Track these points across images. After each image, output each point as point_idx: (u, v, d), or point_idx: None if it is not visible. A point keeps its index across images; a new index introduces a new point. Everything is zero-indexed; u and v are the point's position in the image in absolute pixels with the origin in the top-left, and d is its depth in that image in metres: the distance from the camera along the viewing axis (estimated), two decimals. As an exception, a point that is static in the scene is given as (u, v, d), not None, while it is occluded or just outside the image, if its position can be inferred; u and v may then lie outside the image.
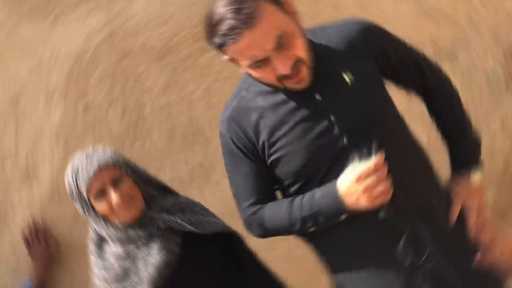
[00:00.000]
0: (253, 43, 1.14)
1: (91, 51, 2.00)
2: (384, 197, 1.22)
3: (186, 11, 2.01)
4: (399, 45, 1.38)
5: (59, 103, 2.03)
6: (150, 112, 2.05)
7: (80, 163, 1.42)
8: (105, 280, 1.46)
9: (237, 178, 1.39)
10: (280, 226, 1.34)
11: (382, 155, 1.21)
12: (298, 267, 2.12)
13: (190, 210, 1.54)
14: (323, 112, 1.27)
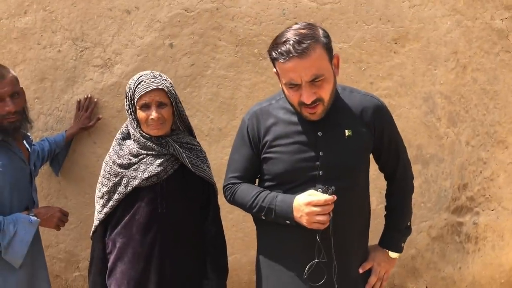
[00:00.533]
0: (296, 70, 1.44)
1: (196, 11, 2.49)
2: (319, 226, 1.49)
3: (277, 25, 2.49)
4: (394, 133, 1.70)
5: (155, 32, 2.49)
6: (210, 74, 2.52)
7: (145, 78, 1.74)
8: (112, 161, 1.80)
9: (236, 154, 1.73)
10: (244, 203, 1.67)
11: (334, 197, 1.47)
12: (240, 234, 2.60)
13: (195, 153, 1.85)
14: (317, 145, 1.57)
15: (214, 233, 1.92)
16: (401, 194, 1.76)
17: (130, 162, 1.78)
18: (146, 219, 1.76)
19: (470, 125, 2.67)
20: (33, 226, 1.92)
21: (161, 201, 1.77)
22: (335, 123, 1.59)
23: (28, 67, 2.52)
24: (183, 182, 1.83)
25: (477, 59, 2.64)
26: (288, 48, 1.43)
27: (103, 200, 1.80)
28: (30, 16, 2.50)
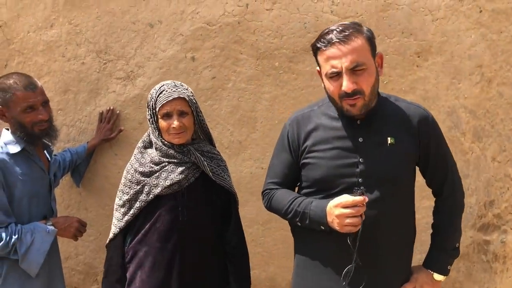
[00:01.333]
0: (336, 56, 1.45)
1: (218, 25, 2.52)
2: (350, 228, 1.45)
3: (298, 39, 2.50)
4: (442, 145, 1.63)
5: (178, 45, 2.53)
6: (231, 87, 2.54)
7: (167, 87, 1.75)
8: (134, 169, 1.81)
9: (275, 159, 1.73)
10: (280, 208, 1.65)
11: (365, 198, 1.44)
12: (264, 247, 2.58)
13: (216, 162, 1.87)
14: (357, 151, 1.54)
15: (236, 242, 1.91)
16: (449, 212, 1.68)
17: (152, 170, 1.78)
18: (167, 227, 1.75)
19: (496, 140, 2.60)
20: (51, 236, 1.92)
21: (182, 209, 1.77)
22: (378, 130, 1.56)
23: (53, 79, 2.57)
24: (204, 191, 1.82)
25: (503, 73, 2.58)
26: (331, 36, 1.47)
27: (124, 208, 1.80)
28: (56, 29, 2.55)
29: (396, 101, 1.64)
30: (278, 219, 2.59)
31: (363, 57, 1.47)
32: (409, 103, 1.65)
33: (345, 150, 1.55)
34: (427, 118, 1.61)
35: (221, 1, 2.51)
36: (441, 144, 1.64)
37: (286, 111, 2.55)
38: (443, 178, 1.65)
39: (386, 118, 1.58)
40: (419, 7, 2.52)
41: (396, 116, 1.59)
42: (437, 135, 1.63)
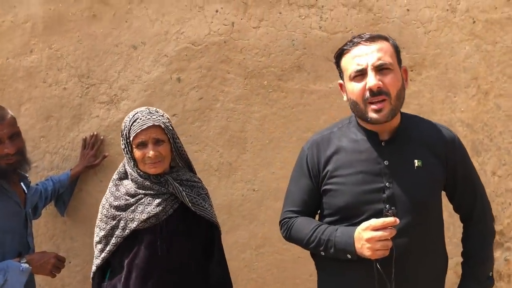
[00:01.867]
0: (362, 54, 1.41)
1: (204, 44, 2.45)
2: (382, 253, 1.35)
3: (287, 56, 2.44)
4: (470, 168, 1.55)
5: (162, 66, 2.46)
6: (219, 107, 2.47)
7: (141, 115, 1.68)
8: (109, 203, 1.73)
9: (293, 186, 1.60)
10: (301, 238, 1.52)
11: (397, 220, 1.34)
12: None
13: (196, 191, 1.77)
14: (383, 175, 1.44)
15: (220, 275, 1.82)
16: (480, 238, 1.57)
17: (128, 203, 1.70)
18: (146, 263, 1.66)
19: (495, 154, 2.51)
20: (24, 274, 1.83)
21: (161, 243, 1.68)
22: (404, 152, 1.47)
23: (34, 106, 2.50)
24: (184, 222, 1.74)
25: (499, 84, 2.50)
26: (356, 39, 1.45)
27: (101, 245, 1.72)
28: (36, 55, 2.49)
29: (420, 121, 1.56)
30: (272, 243, 2.54)
31: (389, 58, 1.42)
32: (434, 123, 1.57)
33: (370, 174, 1.45)
34: (454, 140, 1.53)
35: (206, 21, 2.45)
36: (469, 167, 1.56)
37: (277, 130, 2.48)
38: (473, 202, 1.56)
39: (412, 139, 1.49)
40: (411, 20, 2.46)
41: (421, 137, 1.50)
42: (464, 158, 1.55)
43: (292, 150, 2.48)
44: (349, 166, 1.47)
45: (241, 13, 2.45)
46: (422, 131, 1.52)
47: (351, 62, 1.43)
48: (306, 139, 2.43)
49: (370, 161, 1.46)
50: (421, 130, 1.52)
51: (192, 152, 2.46)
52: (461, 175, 1.53)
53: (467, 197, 1.56)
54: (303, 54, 2.45)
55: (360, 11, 2.45)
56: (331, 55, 2.46)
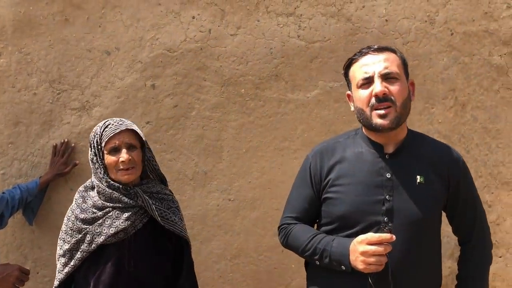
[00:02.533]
0: (369, 63, 1.45)
1: (179, 51, 2.40)
2: (375, 268, 1.36)
3: (264, 65, 2.40)
4: (472, 190, 1.56)
5: (136, 72, 2.40)
6: (194, 115, 2.41)
7: (112, 121, 1.66)
8: (75, 215, 1.67)
9: (295, 192, 1.62)
10: (298, 245, 1.53)
11: (393, 237, 1.34)
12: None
13: (167, 204, 1.73)
14: (384, 188, 1.45)
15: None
16: (478, 262, 1.57)
17: (95, 216, 1.65)
18: (113, 279, 1.61)
19: (472, 166, 2.51)
20: None
21: (129, 259, 1.63)
22: (407, 167, 1.48)
23: (2, 111, 2.42)
24: (153, 237, 1.69)
25: (476, 96, 2.51)
26: (365, 50, 1.50)
27: (65, 259, 1.65)
28: (4, 59, 2.41)
29: (426, 138, 1.58)
30: (247, 254, 2.50)
31: (396, 68, 1.45)
32: (440, 142, 1.60)
33: (371, 186, 1.46)
34: (458, 160, 1.54)
35: (182, 27, 2.40)
36: (471, 189, 1.57)
37: (254, 140, 2.44)
38: (472, 224, 1.56)
39: (416, 155, 1.50)
40: (389, 30, 2.45)
41: (425, 154, 1.51)
42: (467, 179, 1.55)
43: (269, 159, 2.45)
44: (351, 175, 1.48)
45: (218, 20, 2.41)
46: (427, 148, 1.52)
47: (359, 70, 1.47)
48: (284, 149, 2.46)
49: (372, 172, 1.47)
50: (426, 147, 1.53)
51: (166, 160, 2.41)
52: (463, 196, 1.53)
53: (467, 219, 1.56)
54: (281, 63, 2.42)
55: (338, 21, 2.43)
56: (309, 64, 2.46)
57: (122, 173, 1.64)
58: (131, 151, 1.64)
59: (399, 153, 1.49)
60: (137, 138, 1.68)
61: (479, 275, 1.56)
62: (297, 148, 2.44)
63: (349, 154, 1.52)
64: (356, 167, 1.49)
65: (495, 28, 2.46)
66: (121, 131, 1.63)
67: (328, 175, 1.52)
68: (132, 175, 1.65)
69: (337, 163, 1.52)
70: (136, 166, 1.66)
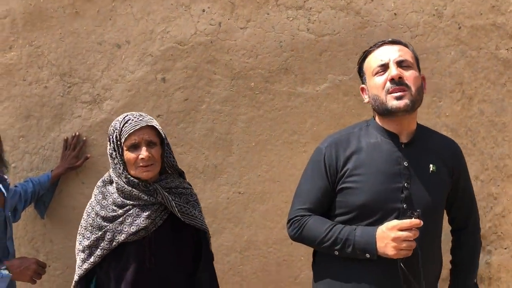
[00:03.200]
0: (386, 52, 1.53)
1: (190, 44, 2.40)
2: (406, 252, 1.40)
3: (274, 58, 2.41)
4: (468, 180, 1.65)
5: (147, 66, 2.40)
6: (205, 108, 2.42)
7: (132, 117, 1.64)
8: (95, 212, 1.66)
9: (307, 184, 1.60)
10: (315, 236, 1.52)
11: (421, 222, 1.39)
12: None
13: (186, 198, 1.73)
14: (402, 176, 1.49)
15: (207, 280, 1.77)
16: (472, 249, 1.67)
17: (115, 215, 1.64)
18: (134, 276, 1.61)
19: (478, 158, 2.54)
20: (4, 281, 1.76)
21: (149, 256, 1.63)
22: (421, 156, 1.54)
23: (13, 104, 2.41)
24: (173, 233, 1.69)
25: (483, 90, 2.53)
26: (380, 43, 1.57)
27: (84, 255, 1.65)
28: (15, 52, 2.40)
29: (430, 131, 1.66)
30: (257, 246, 2.52)
31: (410, 58, 1.52)
32: (442, 135, 1.69)
33: (390, 174, 1.50)
34: (460, 152, 1.64)
35: (192, 20, 2.40)
36: (468, 179, 1.66)
37: (264, 133, 2.45)
38: (469, 212, 1.65)
39: (427, 146, 1.57)
40: (398, 24, 2.46)
41: (434, 145, 1.58)
42: (465, 170, 1.64)
43: (278, 152, 2.46)
44: (369, 165, 1.51)
45: (228, 13, 2.41)
46: (434, 139, 1.60)
47: (374, 59, 1.54)
48: (293, 142, 2.47)
49: (390, 161, 1.51)
50: (433, 138, 1.60)
51: (177, 154, 2.41)
52: (462, 186, 1.61)
53: (464, 209, 1.65)
54: (291, 56, 2.43)
55: (348, 14, 2.44)
56: (318, 58, 2.47)
57: (141, 169, 1.63)
58: (150, 148, 1.63)
59: (413, 142, 1.54)
60: (157, 134, 1.66)
61: (473, 259, 1.67)
62: (306, 142, 2.46)
63: (364, 144, 1.55)
64: (373, 156, 1.52)
65: (502, 22, 2.48)
66: (141, 128, 1.61)
67: (345, 166, 1.53)
68: (151, 172, 1.64)
69: (354, 153, 1.54)
70: (155, 162, 1.65)
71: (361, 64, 1.61)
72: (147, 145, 1.62)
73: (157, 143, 1.66)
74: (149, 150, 1.62)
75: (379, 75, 1.51)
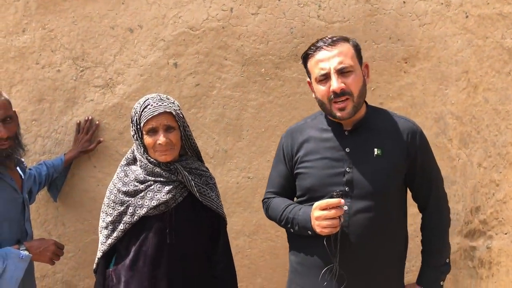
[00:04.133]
0: (324, 59, 1.57)
1: (201, 30, 2.42)
2: (329, 230, 1.51)
3: (285, 44, 2.43)
4: (429, 160, 1.68)
5: (159, 51, 2.42)
6: (215, 94, 2.45)
7: (152, 101, 1.66)
8: (117, 188, 1.71)
9: (273, 170, 1.81)
10: (275, 215, 1.72)
11: (341, 201, 1.50)
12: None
13: (205, 180, 1.78)
14: (344, 161, 1.61)
15: (224, 265, 1.81)
16: (436, 227, 1.70)
17: (137, 189, 1.68)
18: (154, 251, 1.65)
19: (482, 146, 2.60)
20: (24, 262, 1.78)
21: (170, 231, 1.67)
22: (365, 141, 1.63)
23: (26, 88, 2.42)
24: (193, 211, 1.73)
25: (488, 78, 2.57)
26: (319, 43, 1.61)
27: (107, 231, 1.69)
28: (28, 35, 2.40)
29: (385, 113, 1.71)
30: (265, 230, 2.57)
31: (350, 60, 1.57)
32: (399, 116, 1.71)
33: (333, 160, 1.62)
34: (416, 132, 1.66)
35: (204, 5, 2.42)
36: (428, 159, 1.68)
37: (273, 119, 2.49)
38: (428, 192, 1.68)
39: (375, 130, 1.64)
40: (407, 12, 2.49)
41: (385, 128, 1.65)
42: (425, 150, 1.67)
43: (287, 138, 2.49)
44: (316, 152, 1.65)
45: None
46: (385, 122, 1.66)
47: (316, 66, 1.59)
48: (302, 128, 2.50)
49: (334, 148, 1.64)
50: (385, 121, 1.67)
51: (188, 138, 2.44)
52: (420, 165, 1.65)
53: (423, 187, 1.68)
54: (301, 43, 2.45)
55: (358, 2, 2.47)
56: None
57: (159, 153, 1.67)
58: (168, 133, 1.66)
59: (357, 129, 1.64)
60: (175, 119, 1.69)
61: (439, 239, 1.70)
62: (316, 127, 2.49)
63: (314, 133, 1.69)
64: (319, 144, 1.66)
65: (508, 11, 2.51)
66: (159, 113, 1.64)
67: (298, 153, 1.69)
68: (169, 156, 1.68)
69: (305, 141, 1.69)
70: (174, 146, 1.68)
71: (305, 62, 1.67)
72: (165, 130, 1.65)
73: (176, 127, 1.69)
74: (166, 135, 1.65)
75: (322, 84, 1.59)
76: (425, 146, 1.68)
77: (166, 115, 1.66)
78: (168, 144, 1.65)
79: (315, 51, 1.60)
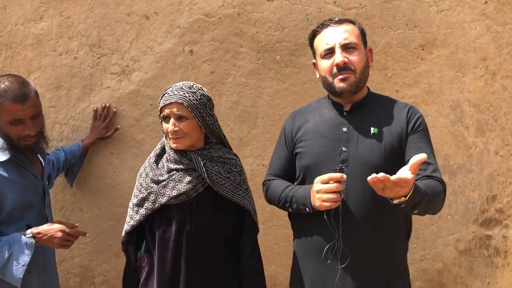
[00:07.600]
0: (330, 35, 1.65)
1: (217, 16, 2.42)
2: (329, 205, 1.51)
3: (300, 31, 2.42)
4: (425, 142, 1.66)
5: (175, 38, 2.42)
6: (231, 81, 2.46)
7: (170, 90, 1.69)
8: (146, 173, 1.75)
9: (275, 152, 1.85)
10: (275, 196, 1.73)
11: (343, 176, 1.51)
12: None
13: (228, 168, 1.75)
14: (341, 140, 1.65)
15: (249, 252, 1.81)
16: (429, 183, 1.58)
17: (161, 178, 1.73)
18: (175, 237, 1.70)
19: (499, 134, 2.57)
20: (29, 248, 1.76)
21: (190, 220, 1.71)
22: (362, 121, 1.67)
23: (43, 75, 2.44)
24: (213, 200, 1.74)
25: (506, 66, 2.54)
26: (326, 22, 1.69)
27: (132, 212, 1.76)
28: (46, 22, 2.41)
29: (386, 98, 1.77)
30: (280, 217, 2.57)
31: (354, 38, 1.64)
32: (397, 101, 1.74)
33: (330, 139, 1.66)
34: (414, 113, 1.68)
35: (220, -8, 2.41)
36: (425, 141, 1.67)
37: (288, 106, 2.48)
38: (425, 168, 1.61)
39: (373, 111, 1.69)
40: (424, -2, 2.46)
41: (383, 110, 1.69)
42: (422, 130, 1.67)
43: (302, 126, 2.49)
44: (314, 132, 1.70)
45: (256, -15, 2.41)
46: (384, 105, 1.71)
47: (321, 42, 1.66)
48: (317, 115, 2.49)
49: (332, 127, 1.68)
50: (384, 104, 1.72)
51: (204, 125, 2.44)
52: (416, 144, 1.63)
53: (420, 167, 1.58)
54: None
55: (374, -12, 2.44)
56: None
57: (172, 140, 1.71)
58: (180, 122, 1.67)
59: (355, 110, 1.68)
60: (188, 109, 1.68)
61: (433, 187, 1.57)
62: (331, 115, 2.48)
63: (314, 114, 1.75)
64: (318, 124, 1.71)
65: (529, -3, 2.47)
66: (171, 103, 1.67)
67: (297, 134, 1.75)
68: (180, 144, 1.69)
69: (304, 123, 1.75)
70: (185, 135, 1.68)
71: (311, 42, 1.72)
72: (177, 118, 1.67)
73: (189, 117, 1.68)
74: (177, 123, 1.67)
75: (326, 58, 1.64)
76: (423, 128, 1.67)
77: (177, 105, 1.67)
78: (177, 132, 1.67)
79: (322, 29, 1.67)
